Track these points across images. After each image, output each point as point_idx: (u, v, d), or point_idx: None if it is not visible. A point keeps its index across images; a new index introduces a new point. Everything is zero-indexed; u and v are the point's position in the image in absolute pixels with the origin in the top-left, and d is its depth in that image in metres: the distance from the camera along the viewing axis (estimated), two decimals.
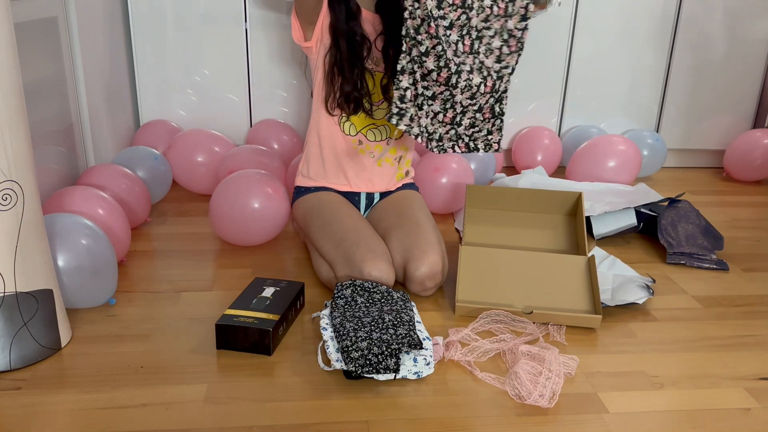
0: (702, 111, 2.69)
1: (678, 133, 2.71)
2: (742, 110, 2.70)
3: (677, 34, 2.57)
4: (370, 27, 1.68)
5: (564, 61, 2.57)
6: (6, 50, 1.16)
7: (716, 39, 2.59)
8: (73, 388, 1.23)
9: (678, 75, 2.63)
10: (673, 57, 2.61)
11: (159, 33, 2.39)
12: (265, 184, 1.79)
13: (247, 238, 1.81)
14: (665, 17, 2.55)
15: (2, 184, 1.18)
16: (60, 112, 1.92)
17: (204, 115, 2.49)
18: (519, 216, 1.84)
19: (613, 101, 2.66)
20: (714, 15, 2.55)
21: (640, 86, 2.65)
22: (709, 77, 2.64)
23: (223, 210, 1.76)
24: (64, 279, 1.41)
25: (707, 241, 1.92)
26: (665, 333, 1.48)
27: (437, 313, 1.53)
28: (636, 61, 2.60)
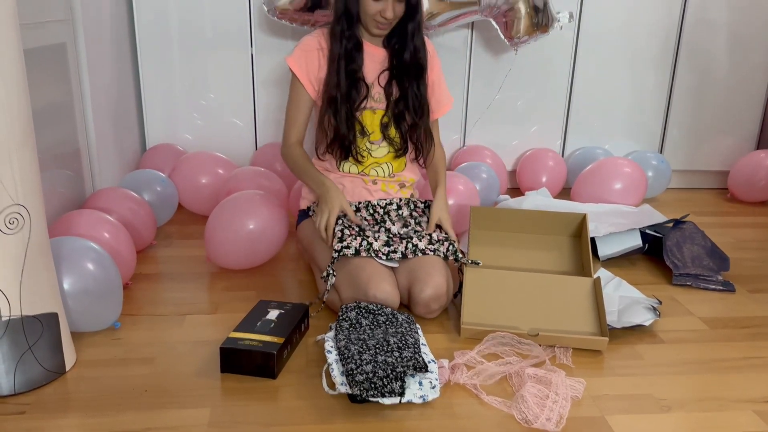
0: (705, 132, 2.70)
1: (682, 155, 2.72)
2: (746, 131, 2.71)
3: (679, 56, 2.59)
4: (376, 64, 1.68)
5: (567, 83, 2.59)
6: (15, 76, 1.18)
7: (718, 61, 2.61)
8: (77, 412, 1.22)
9: (681, 97, 2.64)
10: (676, 79, 2.62)
11: (166, 58, 2.42)
12: (258, 204, 1.80)
13: (243, 261, 1.81)
14: (667, 39, 2.57)
15: (9, 208, 1.19)
16: (67, 136, 1.94)
17: (210, 138, 2.51)
18: (524, 237, 1.84)
19: (617, 123, 2.67)
20: (716, 37, 2.57)
21: (643, 108, 2.66)
22: (712, 99, 2.65)
23: (217, 235, 1.77)
24: (70, 302, 1.40)
25: (713, 262, 1.91)
26: (672, 355, 1.47)
27: (442, 336, 1.52)
28: (638, 83, 2.62)
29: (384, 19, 1.58)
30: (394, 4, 1.55)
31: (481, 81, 2.55)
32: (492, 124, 2.60)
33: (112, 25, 2.26)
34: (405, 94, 1.68)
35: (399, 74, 1.67)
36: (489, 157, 2.48)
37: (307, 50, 1.67)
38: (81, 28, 1.98)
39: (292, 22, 2.17)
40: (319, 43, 1.67)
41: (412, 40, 1.64)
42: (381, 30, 1.62)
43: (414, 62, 1.66)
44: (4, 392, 1.25)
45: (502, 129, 2.62)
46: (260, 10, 2.34)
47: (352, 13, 1.60)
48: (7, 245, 1.20)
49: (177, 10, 2.37)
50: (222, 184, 2.11)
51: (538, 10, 2.23)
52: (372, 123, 1.70)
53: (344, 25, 1.61)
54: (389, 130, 1.70)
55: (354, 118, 1.66)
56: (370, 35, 1.66)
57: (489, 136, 2.61)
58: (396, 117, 1.69)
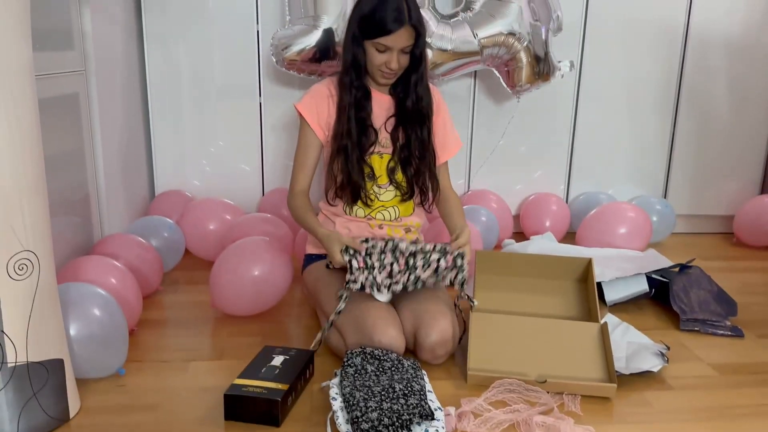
0: (709, 177, 2.71)
1: (686, 199, 2.73)
2: (749, 176, 2.72)
3: (680, 101, 2.62)
4: (383, 110, 1.72)
5: (569, 128, 2.62)
6: (30, 126, 1.21)
7: (719, 106, 2.64)
8: None
9: (683, 142, 2.67)
10: (677, 124, 2.65)
11: (176, 106, 2.47)
12: (263, 251, 1.80)
13: (247, 307, 1.81)
14: (668, 86, 2.61)
15: (19, 254, 1.20)
16: (77, 182, 1.97)
17: (217, 184, 2.53)
18: (529, 282, 1.84)
19: (620, 168, 2.69)
20: (716, 83, 2.61)
21: (646, 153, 2.68)
22: (714, 143, 2.67)
23: (222, 282, 1.77)
24: (75, 348, 1.40)
25: (720, 307, 1.90)
26: (682, 402, 1.45)
27: (449, 382, 1.51)
28: (640, 128, 2.65)
29: (389, 70, 1.62)
30: (398, 56, 1.60)
31: (484, 127, 2.58)
32: (496, 169, 2.62)
33: (125, 75, 2.31)
34: (410, 139, 1.70)
35: (404, 120, 1.70)
36: (494, 201, 2.50)
37: (317, 97, 1.71)
38: (94, 79, 2.03)
39: (299, 72, 2.22)
40: (329, 90, 1.71)
41: (415, 90, 1.68)
42: (387, 79, 1.66)
43: (417, 110, 1.69)
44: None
45: (506, 174, 2.64)
46: (269, 61, 2.40)
47: (359, 64, 1.64)
48: (15, 291, 1.20)
49: (188, 59, 2.43)
50: (229, 230, 2.13)
51: (539, 59, 2.28)
52: (380, 167, 1.72)
53: (352, 76, 1.65)
54: (396, 174, 1.73)
55: (364, 163, 1.68)
56: (376, 84, 1.70)
57: (493, 180, 2.63)
58: (402, 161, 1.72)
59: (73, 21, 1.92)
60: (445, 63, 2.23)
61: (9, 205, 1.18)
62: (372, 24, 1.57)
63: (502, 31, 2.20)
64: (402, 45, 1.58)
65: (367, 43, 1.60)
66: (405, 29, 1.56)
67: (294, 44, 2.15)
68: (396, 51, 1.59)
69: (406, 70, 1.66)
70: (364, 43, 1.61)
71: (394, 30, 1.55)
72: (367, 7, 1.59)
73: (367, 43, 1.60)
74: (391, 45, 1.58)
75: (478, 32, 2.20)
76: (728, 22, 2.55)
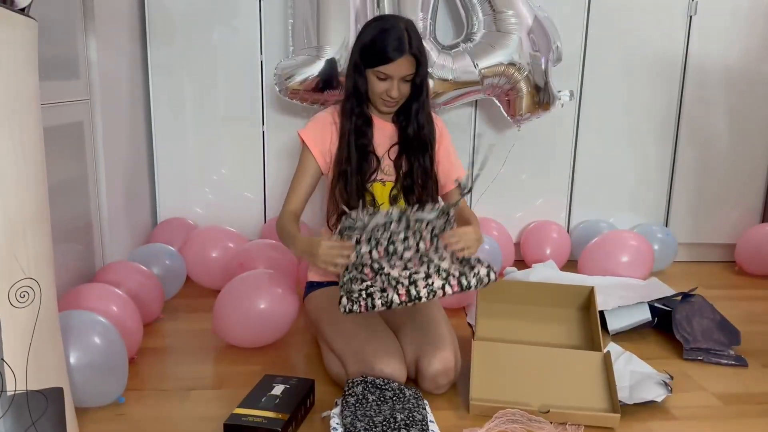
0: (710, 205, 2.72)
1: (687, 228, 2.73)
2: (750, 204, 2.72)
3: (680, 131, 2.64)
4: (386, 138, 1.73)
5: (570, 157, 2.63)
6: (34, 155, 1.22)
7: (719, 135, 2.65)
8: None
9: (683, 171, 2.68)
10: (678, 153, 2.66)
11: (179, 134, 2.49)
12: (269, 285, 1.79)
13: (252, 341, 1.80)
14: (667, 115, 2.63)
15: (21, 281, 1.20)
16: (80, 210, 1.97)
17: (220, 212, 2.54)
18: (532, 310, 1.83)
19: (621, 196, 2.70)
20: (715, 112, 2.63)
21: (647, 182, 2.69)
22: (715, 172, 2.68)
23: (227, 316, 1.76)
24: (75, 376, 1.39)
25: (723, 336, 1.88)
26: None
27: (451, 412, 1.49)
28: (641, 157, 2.66)
29: (390, 98, 1.63)
30: (399, 84, 1.61)
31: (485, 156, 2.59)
32: (497, 197, 2.62)
33: (129, 104, 2.34)
34: (413, 167, 1.71)
35: (407, 148, 1.71)
36: (495, 229, 2.49)
37: (320, 124, 1.72)
38: (99, 108, 2.05)
39: (302, 101, 2.24)
40: (332, 117, 1.72)
41: (416, 118, 1.69)
42: (388, 108, 1.67)
43: (418, 138, 1.70)
44: None
45: (507, 202, 2.64)
46: (272, 90, 2.42)
47: (361, 92, 1.66)
48: (17, 318, 1.20)
49: (192, 89, 2.46)
50: (232, 258, 2.13)
51: (539, 89, 2.30)
52: (382, 195, 1.73)
53: (354, 103, 1.67)
54: (398, 202, 1.73)
55: (364, 189, 1.68)
56: (379, 112, 1.72)
57: (494, 208, 2.63)
58: (405, 189, 1.72)
59: (79, 50, 1.95)
60: (446, 92, 2.25)
61: (12, 233, 1.18)
62: (373, 52, 1.59)
63: (503, 61, 2.23)
64: (402, 74, 1.60)
65: (369, 71, 1.62)
66: (405, 58, 1.58)
67: (297, 74, 2.17)
68: (396, 79, 1.60)
69: (407, 98, 1.67)
70: (365, 72, 1.63)
71: (394, 59, 1.57)
72: (369, 36, 1.61)
73: (369, 71, 1.62)
74: (391, 73, 1.59)
75: (478, 62, 2.23)
76: (726, 53, 2.57)
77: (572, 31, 2.49)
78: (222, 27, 2.41)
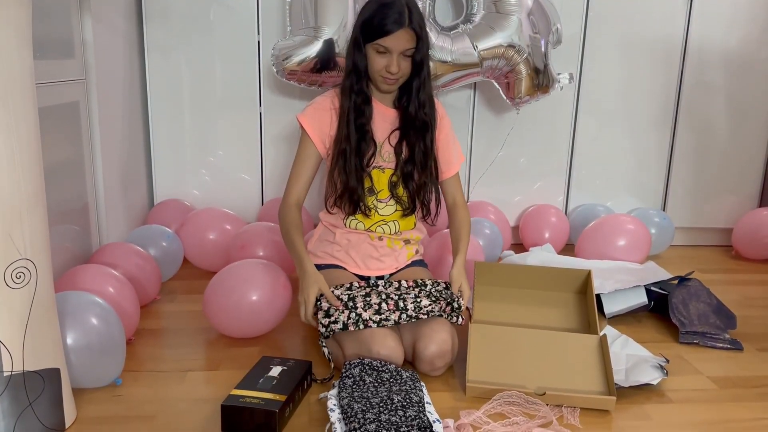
0: (707, 190, 2.72)
1: (685, 212, 2.73)
2: (748, 189, 2.73)
3: (679, 115, 2.64)
4: (387, 123, 1.72)
5: (568, 141, 2.63)
6: (29, 137, 1.21)
7: (718, 120, 2.65)
8: None
9: (681, 155, 2.68)
10: (676, 138, 2.66)
11: (176, 116, 2.48)
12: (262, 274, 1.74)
13: (245, 332, 1.76)
14: (666, 100, 2.62)
15: (17, 262, 1.19)
16: (76, 192, 1.97)
17: (216, 194, 2.54)
18: (529, 293, 1.83)
19: (619, 180, 2.70)
20: (715, 98, 2.62)
21: (645, 166, 2.69)
22: (713, 157, 2.68)
23: (217, 306, 1.71)
24: (72, 357, 1.39)
25: (719, 320, 1.89)
26: (682, 416, 1.44)
27: (448, 394, 1.50)
28: (639, 141, 2.66)
29: (389, 74, 1.61)
30: (399, 59, 1.59)
31: (483, 139, 2.59)
32: (495, 181, 2.63)
33: (125, 85, 2.32)
34: (413, 151, 1.70)
35: (407, 132, 1.70)
36: (492, 213, 2.50)
37: (319, 109, 1.70)
38: (95, 88, 2.03)
39: (300, 82, 2.23)
40: (332, 102, 1.70)
41: (417, 95, 1.67)
42: (388, 85, 1.65)
43: (419, 117, 1.69)
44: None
45: (505, 185, 2.64)
46: (269, 71, 2.41)
47: (360, 69, 1.64)
48: (12, 299, 1.20)
49: (189, 69, 2.44)
50: (233, 239, 2.12)
51: (538, 71, 2.29)
52: (380, 181, 1.72)
53: (353, 81, 1.65)
54: (397, 189, 1.72)
55: (363, 171, 1.68)
56: (379, 92, 1.70)
57: (492, 192, 2.63)
58: (404, 176, 1.71)
59: (74, 29, 1.93)
60: (445, 74, 2.24)
61: (8, 214, 1.18)
62: (372, 26, 1.57)
63: (502, 43, 2.21)
64: (402, 48, 1.58)
65: (368, 46, 1.60)
66: (405, 31, 1.56)
67: (295, 55, 2.16)
68: (396, 54, 1.58)
69: (408, 77, 1.66)
70: (365, 47, 1.61)
71: (393, 30, 1.55)
72: (369, 11, 1.59)
73: (368, 46, 1.60)
74: (390, 46, 1.57)
75: (477, 44, 2.21)
76: (726, 38, 2.56)
77: (572, 13, 2.48)
78: (218, 6, 2.39)
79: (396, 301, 1.55)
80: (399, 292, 1.58)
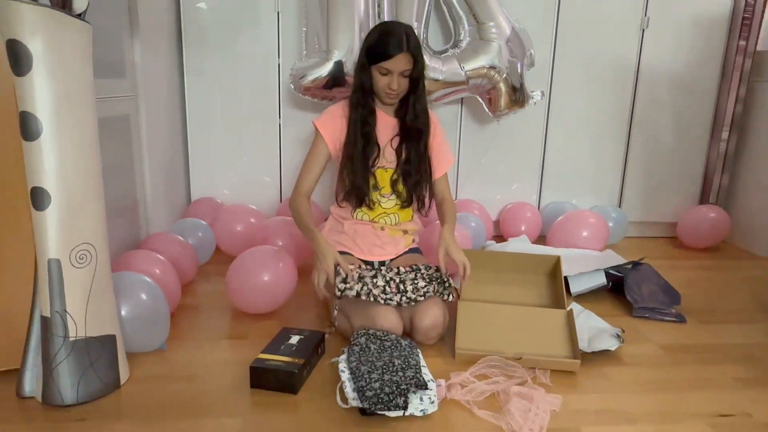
0: (656, 190, 2.73)
1: (637, 208, 2.74)
2: (689, 189, 2.74)
3: (632, 127, 2.64)
4: (389, 130, 1.72)
5: (540, 149, 2.64)
6: (91, 141, 1.22)
7: (665, 131, 2.66)
8: (129, 420, 1.21)
9: (634, 161, 2.68)
10: (630, 146, 2.67)
11: (209, 126, 2.48)
12: (272, 259, 1.73)
13: (259, 306, 1.74)
14: (622, 113, 2.62)
15: (80, 246, 1.21)
16: (127, 190, 1.97)
17: (242, 192, 2.54)
18: (508, 276, 1.84)
19: (582, 182, 2.70)
20: (662, 112, 2.63)
21: (604, 170, 2.69)
22: (661, 163, 2.69)
23: (237, 285, 1.71)
24: (125, 326, 1.41)
25: (666, 297, 1.90)
26: (635, 376, 1.46)
27: (440, 359, 1.51)
28: (599, 149, 2.66)
29: (391, 90, 1.62)
30: (398, 78, 1.60)
31: (469, 147, 2.59)
32: (479, 182, 2.63)
33: (167, 101, 2.32)
34: (410, 154, 1.70)
35: (406, 137, 1.71)
36: (477, 209, 2.50)
37: (333, 116, 1.71)
38: (143, 103, 2.04)
39: (313, 97, 2.23)
40: (343, 110, 1.71)
41: (414, 107, 1.68)
42: (390, 99, 1.66)
43: (415, 125, 1.69)
44: (69, 402, 1.24)
45: (488, 186, 2.65)
46: (287, 88, 2.42)
47: (366, 87, 1.64)
48: (77, 277, 1.21)
49: (220, 87, 2.44)
50: (256, 231, 2.13)
51: (515, 89, 2.30)
52: (383, 179, 1.72)
53: (360, 96, 1.66)
54: (398, 185, 1.73)
55: (368, 171, 1.68)
56: (382, 105, 1.71)
57: (477, 192, 2.64)
58: (404, 174, 1.72)
59: (126, 54, 1.94)
60: (437, 90, 2.25)
61: (73, 206, 1.19)
62: (377, 51, 1.58)
63: (485, 65, 2.22)
64: (401, 69, 1.58)
65: (373, 67, 1.61)
66: (404, 55, 1.57)
67: (309, 74, 2.16)
68: (396, 74, 1.59)
69: (406, 92, 1.66)
70: (370, 68, 1.62)
71: (394, 55, 1.56)
72: (374, 38, 1.60)
73: (373, 67, 1.61)
74: (391, 68, 1.58)
75: (464, 66, 2.22)
76: (672, 62, 2.57)
77: (543, 41, 2.48)
78: (245, 35, 2.39)
79: (398, 284, 1.56)
80: (399, 276, 1.59)
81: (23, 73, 1.12)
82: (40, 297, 1.21)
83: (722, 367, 1.52)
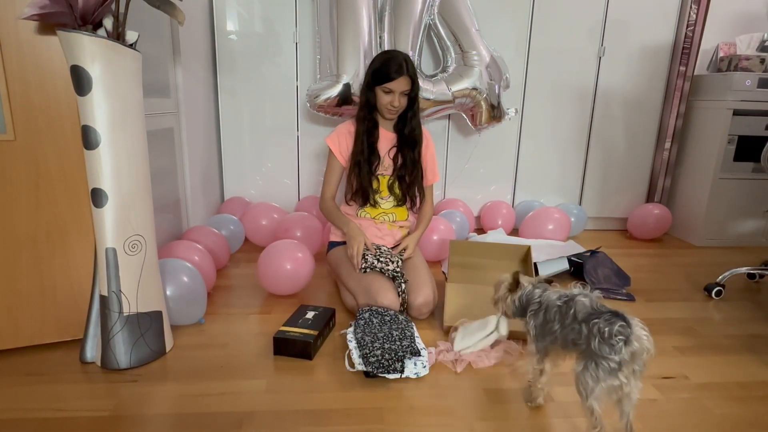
0: (610, 190, 2.72)
1: (594, 205, 2.73)
2: (638, 190, 2.73)
3: (591, 138, 2.63)
4: (388, 142, 1.72)
5: (514, 156, 2.63)
6: (141, 149, 1.22)
7: (618, 141, 2.65)
8: (174, 381, 1.22)
9: (592, 166, 2.68)
10: (589, 154, 2.66)
11: (239, 137, 2.48)
12: (295, 250, 1.72)
13: (284, 289, 1.73)
14: (582, 127, 2.62)
15: (132, 237, 1.21)
16: (171, 190, 1.97)
17: (267, 192, 2.54)
18: (487, 262, 1.84)
19: (549, 184, 2.70)
20: (616, 126, 2.62)
21: (567, 174, 2.69)
22: (614, 167, 2.68)
23: (266, 271, 1.70)
24: (170, 303, 1.41)
25: (619, 280, 1.91)
26: None
27: (431, 331, 1.52)
28: (563, 156, 2.66)
29: (392, 107, 1.62)
30: (399, 97, 1.61)
31: (455, 154, 2.59)
32: (463, 184, 2.63)
33: (204, 116, 2.31)
34: (406, 161, 1.71)
35: (402, 148, 1.71)
36: (461, 207, 2.50)
37: (341, 134, 1.71)
38: (184, 119, 2.03)
39: (326, 113, 2.23)
40: (348, 129, 1.71)
41: (410, 122, 1.68)
42: (391, 115, 1.66)
43: (411, 137, 1.69)
44: (123, 366, 1.25)
45: (470, 187, 2.64)
46: (304, 106, 2.41)
47: (371, 104, 1.65)
48: (130, 263, 1.21)
49: (248, 106, 2.43)
50: (278, 224, 2.13)
51: (494, 107, 2.29)
52: (382, 184, 1.73)
53: (365, 112, 1.66)
54: (394, 188, 1.73)
55: (372, 175, 1.68)
56: (384, 119, 1.70)
57: (461, 191, 2.64)
58: (399, 179, 1.72)
59: (170, 76, 1.93)
60: (428, 108, 2.24)
61: (127, 203, 1.19)
62: (380, 74, 1.58)
63: (468, 86, 2.22)
64: (401, 89, 1.59)
65: (377, 88, 1.61)
66: (404, 77, 1.57)
67: (322, 94, 2.16)
68: (397, 93, 1.59)
69: (404, 109, 1.66)
70: (374, 89, 1.62)
71: (395, 78, 1.56)
72: (378, 63, 1.60)
73: (377, 88, 1.61)
74: (393, 88, 1.58)
75: (451, 87, 2.21)
76: (624, 84, 2.56)
77: (517, 66, 2.47)
78: (269, 61, 2.38)
79: (389, 258, 1.60)
80: (388, 255, 1.61)
81: (84, 93, 1.12)
82: (100, 279, 1.22)
83: (664, 337, 1.52)
